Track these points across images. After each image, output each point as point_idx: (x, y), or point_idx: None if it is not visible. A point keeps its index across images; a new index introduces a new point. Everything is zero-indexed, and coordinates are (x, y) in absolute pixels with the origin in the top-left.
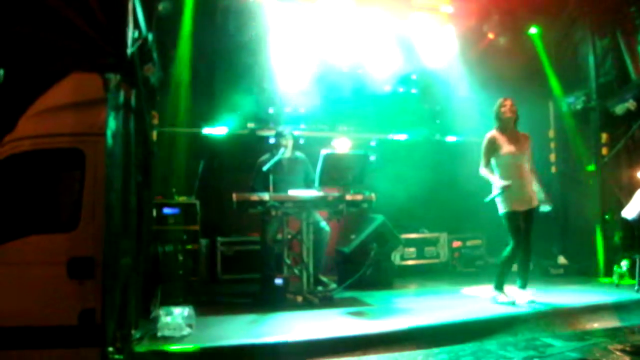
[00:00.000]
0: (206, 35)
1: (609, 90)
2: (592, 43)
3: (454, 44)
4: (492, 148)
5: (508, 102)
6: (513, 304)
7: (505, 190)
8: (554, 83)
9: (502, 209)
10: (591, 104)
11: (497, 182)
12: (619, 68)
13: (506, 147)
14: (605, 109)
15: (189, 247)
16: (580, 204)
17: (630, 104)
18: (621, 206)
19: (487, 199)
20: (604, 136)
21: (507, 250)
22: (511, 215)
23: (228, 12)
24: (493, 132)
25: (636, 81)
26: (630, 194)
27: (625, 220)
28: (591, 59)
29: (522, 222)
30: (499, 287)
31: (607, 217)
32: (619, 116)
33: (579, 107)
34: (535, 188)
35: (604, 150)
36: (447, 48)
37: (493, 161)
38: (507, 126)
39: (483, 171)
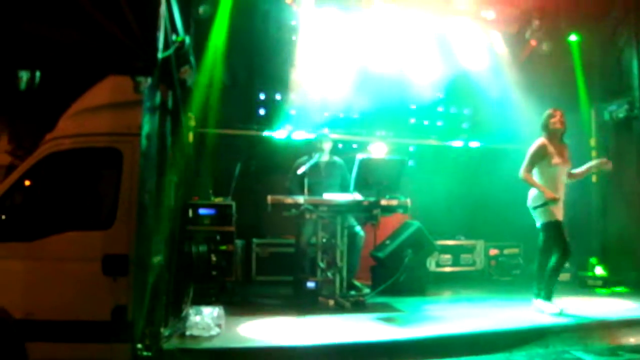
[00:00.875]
0: (245, 38)
1: None
2: (637, 49)
3: (495, 50)
4: (542, 155)
5: (558, 113)
6: (560, 314)
7: (553, 202)
8: (595, 90)
9: (546, 218)
10: (634, 113)
11: (546, 192)
12: None
13: (556, 158)
14: None
15: (223, 247)
16: (621, 215)
17: None
18: None
19: (534, 205)
20: None
21: (554, 260)
22: (557, 225)
23: (268, 16)
24: (544, 140)
25: None
26: None
27: None
28: (635, 65)
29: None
30: (548, 298)
31: None
32: None
33: (621, 115)
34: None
35: None
36: (488, 54)
37: (536, 169)
38: (556, 137)
39: (526, 176)
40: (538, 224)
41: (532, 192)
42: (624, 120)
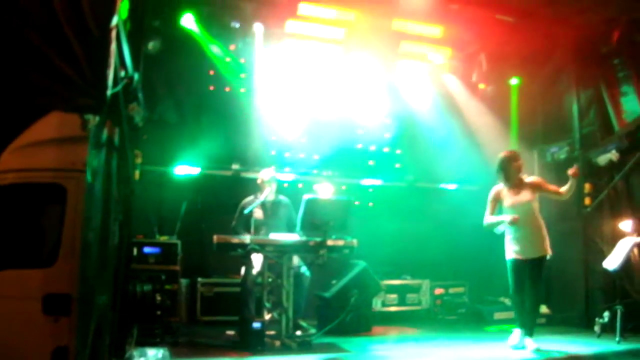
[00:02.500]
0: (194, 75)
1: (592, 141)
2: (576, 94)
3: (441, 92)
4: (496, 200)
5: (519, 158)
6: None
7: (514, 224)
8: (537, 133)
9: (506, 256)
10: (574, 154)
11: (504, 217)
12: (602, 119)
13: (509, 200)
14: (588, 160)
15: (168, 287)
16: (563, 253)
17: (613, 155)
18: (603, 256)
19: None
20: (587, 186)
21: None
22: (510, 264)
23: (216, 55)
24: (498, 186)
25: (619, 132)
26: (612, 245)
27: (607, 271)
28: (575, 110)
29: (529, 270)
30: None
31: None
32: (602, 167)
33: (562, 157)
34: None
35: (587, 201)
36: (434, 96)
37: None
38: (513, 178)
39: (488, 219)
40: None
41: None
42: (565, 161)
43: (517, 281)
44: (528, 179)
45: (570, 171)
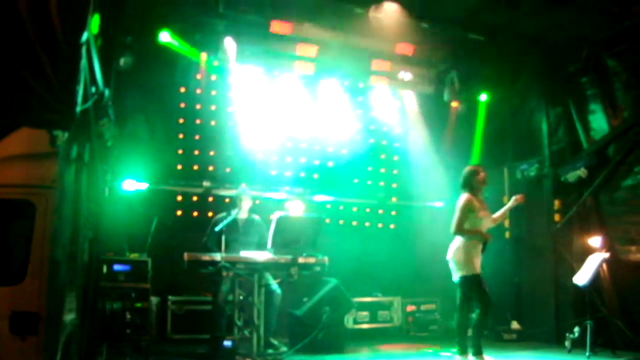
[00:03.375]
0: (166, 92)
1: (561, 158)
2: (546, 111)
3: (412, 110)
4: (471, 209)
5: (481, 171)
6: None
7: (487, 243)
8: (507, 150)
9: (467, 271)
10: (544, 171)
11: (484, 235)
12: (571, 136)
13: (482, 212)
14: (558, 176)
15: (138, 305)
16: (533, 269)
17: (582, 172)
18: (573, 272)
19: (456, 258)
20: (557, 203)
21: (478, 314)
22: (478, 278)
23: (188, 72)
24: (469, 195)
25: (587, 149)
26: (582, 260)
27: (577, 287)
28: (544, 127)
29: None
30: (479, 353)
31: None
32: (571, 183)
33: (532, 174)
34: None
35: (557, 217)
36: (405, 114)
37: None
38: (478, 193)
39: (460, 230)
40: (456, 278)
41: (454, 245)
42: (535, 178)
43: (486, 295)
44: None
45: (517, 197)
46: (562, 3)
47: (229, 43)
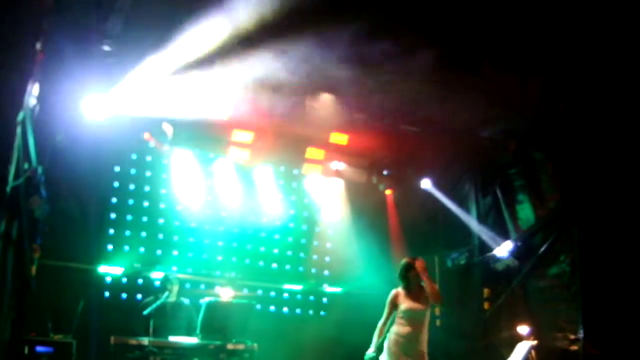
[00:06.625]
0: (100, 170)
1: (490, 247)
2: (476, 200)
3: (345, 198)
4: (394, 303)
5: (412, 261)
6: None
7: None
8: (439, 238)
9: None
10: (474, 260)
11: (371, 348)
12: (500, 225)
13: (405, 304)
14: (487, 265)
15: None
16: (464, 357)
17: (510, 261)
18: (503, 359)
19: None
20: (486, 291)
21: None
22: None
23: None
24: (397, 289)
25: (515, 239)
26: (511, 347)
27: None
28: (474, 215)
29: None
30: None
31: None
32: (500, 272)
33: (462, 262)
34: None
35: (486, 305)
36: (339, 201)
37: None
38: (412, 284)
39: (379, 326)
40: None
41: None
42: (465, 266)
43: None
44: None
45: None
46: (490, 101)
47: (166, 126)
